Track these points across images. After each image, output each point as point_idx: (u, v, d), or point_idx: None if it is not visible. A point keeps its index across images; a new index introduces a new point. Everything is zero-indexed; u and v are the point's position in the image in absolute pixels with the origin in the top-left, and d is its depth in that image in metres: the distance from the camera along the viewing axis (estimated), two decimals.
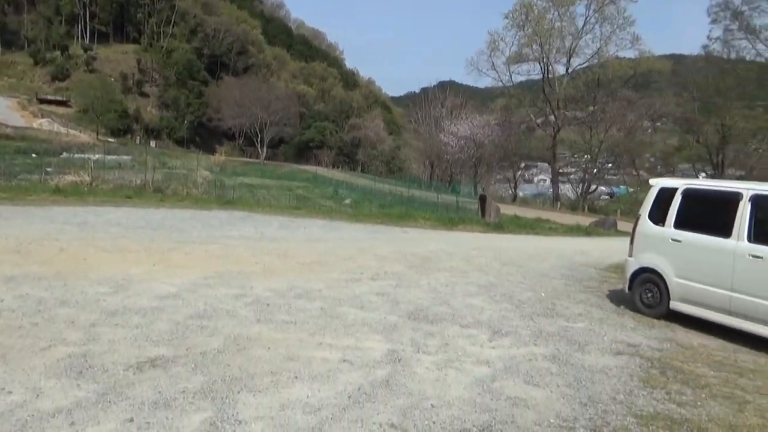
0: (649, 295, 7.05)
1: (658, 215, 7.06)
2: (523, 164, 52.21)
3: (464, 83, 62.96)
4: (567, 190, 48.97)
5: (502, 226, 19.16)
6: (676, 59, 45.17)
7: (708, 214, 6.70)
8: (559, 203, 40.74)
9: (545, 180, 68.50)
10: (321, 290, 7.56)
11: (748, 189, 6.16)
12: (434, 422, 3.75)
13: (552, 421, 3.88)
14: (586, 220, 25.03)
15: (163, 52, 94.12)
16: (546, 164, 65.14)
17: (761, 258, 5.80)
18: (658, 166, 50.72)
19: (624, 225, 24.30)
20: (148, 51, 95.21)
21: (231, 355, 4.80)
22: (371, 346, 5.32)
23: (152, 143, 75.06)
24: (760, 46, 33.25)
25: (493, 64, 47.59)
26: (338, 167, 77.60)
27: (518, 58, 45.19)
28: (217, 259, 9.15)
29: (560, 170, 46.43)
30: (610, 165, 43.89)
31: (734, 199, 6.20)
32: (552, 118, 43.64)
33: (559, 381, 4.67)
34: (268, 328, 5.64)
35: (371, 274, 8.99)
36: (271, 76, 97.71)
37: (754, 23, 32.98)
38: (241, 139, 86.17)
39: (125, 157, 43.95)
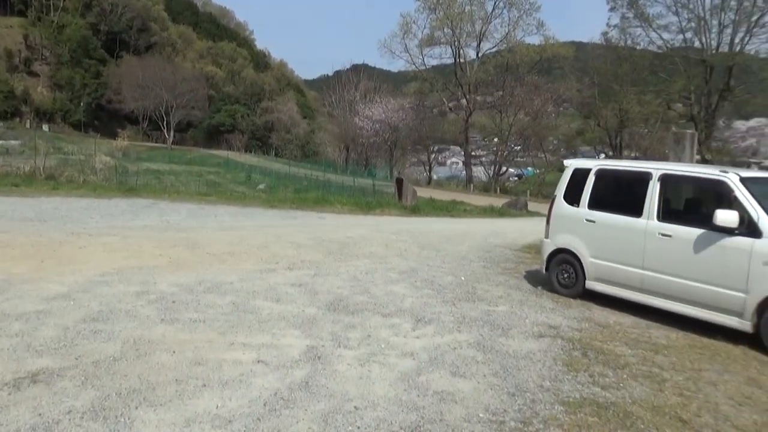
0: (566, 275, 7.13)
1: (572, 196, 7.13)
2: (436, 147, 52.92)
3: (378, 66, 62.97)
4: (479, 172, 50.28)
5: (418, 208, 19.20)
6: (579, 46, 47.29)
7: (620, 194, 6.83)
8: (472, 185, 41.71)
9: (457, 163, 70.06)
10: (233, 283, 7.07)
11: (657, 169, 6.30)
12: (358, 427, 3.46)
13: (481, 415, 3.71)
14: (498, 202, 25.69)
15: (54, 27, 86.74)
16: (458, 147, 66.60)
17: (670, 236, 5.95)
18: (561, 149, 53.18)
19: (534, 205, 25.22)
20: (36, 26, 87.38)
21: (129, 362, 4.28)
22: (289, 342, 4.95)
23: (45, 127, 69.40)
24: (653, 35, 35.43)
25: (406, 46, 47.75)
26: (251, 152, 75.51)
27: (430, 41, 45.57)
28: (116, 253, 8.37)
29: (473, 153, 47.49)
30: (519, 148, 45.39)
31: (644, 178, 6.34)
32: (464, 101, 44.45)
33: (485, 370, 4.53)
34: (173, 329, 5.12)
35: (287, 263, 8.56)
36: (176, 55, 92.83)
37: (648, 12, 35.04)
38: (146, 123, 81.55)
39: (13, 142, 40.28)
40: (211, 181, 30.56)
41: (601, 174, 6.87)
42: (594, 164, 7.06)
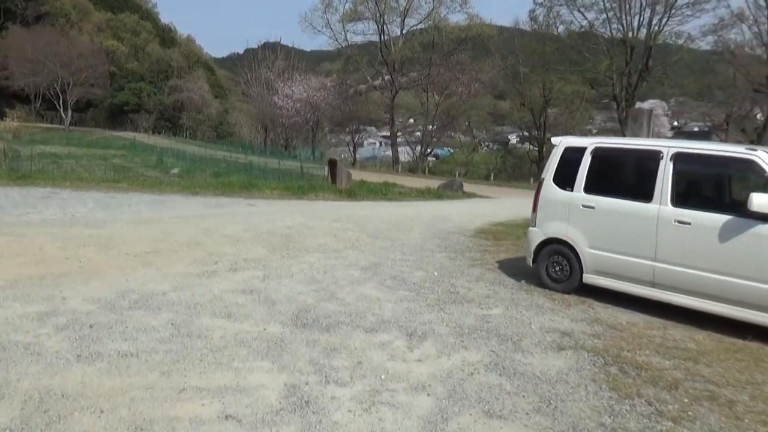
0: (558, 268, 6.31)
1: (564, 179, 6.29)
2: (362, 128, 51.61)
3: (291, 45, 60.45)
4: (402, 152, 49.67)
5: (354, 192, 18.06)
6: (507, 31, 47.26)
7: (624, 176, 6.08)
8: (400, 166, 40.96)
9: (375, 143, 69.27)
10: (167, 293, 5.68)
11: (668, 147, 5.55)
12: None
13: None
14: (432, 183, 25.01)
15: None
16: (374, 128, 65.64)
17: (688, 224, 5.23)
18: (484, 130, 53.68)
19: (468, 186, 24.74)
20: None
21: None
22: (260, 381, 3.73)
23: None
24: (577, 14, 35.89)
25: (328, 21, 45.88)
26: (160, 133, 70.82)
27: (353, 16, 43.92)
28: (8, 259, 6.67)
29: (398, 133, 46.65)
30: (445, 126, 44.95)
31: (654, 158, 5.57)
32: (389, 80, 43.34)
33: (523, 405, 3.55)
34: (95, 371, 3.75)
35: (228, 263, 7.21)
36: (71, 28, 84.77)
37: None
38: (39, 102, 74.22)
39: None
40: (118, 166, 27.82)
41: (600, 153, 6.05)
42: (590, 142, 6.23)
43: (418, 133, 51.59)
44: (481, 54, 44.03)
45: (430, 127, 42.32)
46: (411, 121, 49.72)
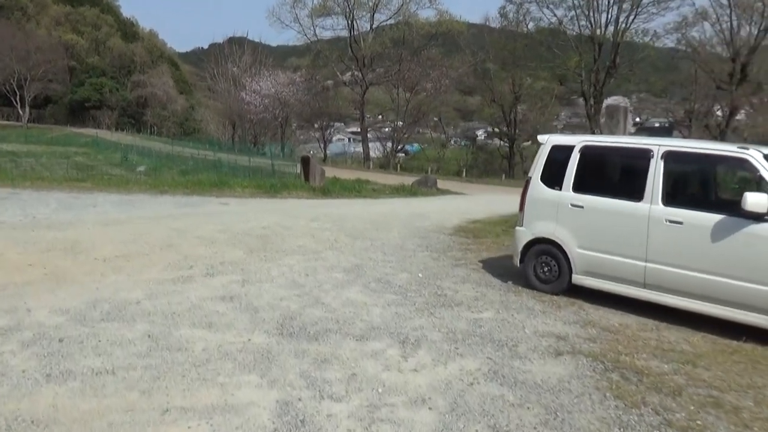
0: (546, 269, 6.20)
1: (552, 178, 6.17)
2: (332, 124, 51.07)
3: (256, 40, 59.35)
4: (371, 148, 49.39)
5: (328, 190, 17.77)
6: (477, 28, 47.23)
7: (613, 175, 5.99)
8: (371, 163, 40.68)
9: (343, 139, 68.85)
10: (141, 302, 5.36)
11: (659, 145, 5.47)
12: None
13: None
14: (403, 179, 24.84)
15: None
16: (342, 124, 65.14)
17: (680, 223, 5.16)
18: (453, 127, 53.83)
19: (442, 183, 24.61)
20: None
21: None
22: (249, 398, 3.49)
23: None
24: (546, 11, 36.14)
25: (296, 16, 45.23)
26: (123, 130, 69.02)
27: (323, 11, 43.39)
28: None
29: (369, 129, 46.32)
30: (416, 122, 44.77)
31: (644, 156, 5.49)
32: (359, 75, 42.96)
33: (529, 417, 3.39)
34: (67, 392, 3.45)
35: (204, 266, 6.90)
36: (28, 21, 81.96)
37: None
38: None
39: None
40: (81, 164, 26.88)
41: (588, 151, 5.94)
42: (578, 140, 6.12)
43: (387, 129, 51.39)
44: (451, 50, 44.03)
45: (401, 123, 42.09)
46: (380, 117, 49.39)
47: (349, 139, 68.85)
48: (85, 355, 4.05)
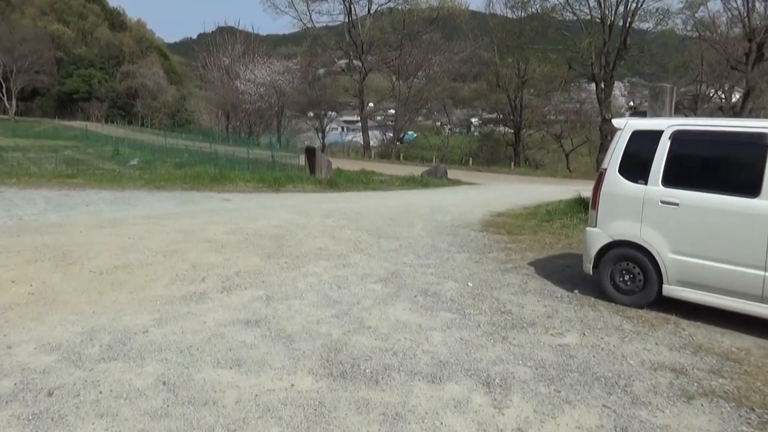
0: (627, 277, 5.24)
1: (634, 169, 5.20)
2: (332, 113, 49.76)
3: (247, 29, 57.76)
4: (370, 137, 48.21)
5: (335, 182, 16.75)
6: (480, 15, 45.95)
7: (717, 166, 5.00)
8: (372, 152, 39.55)
9: (336, 128, 67.58)
10: (148, 330, 4.38)
11: None
12: None
13: None
14: (409, 169, 23.84)
15: None
16: (333, 113, 63.93)
17: None
18: (446, 113, 52.38)
19: (452, 172, 23.60)
20: None
21: None
22: None
23: None
24: None
25: (291, 1, 43.76)
26: (114, 122, 67.55)
27: None
28: None
29: (371, 117, 45.05)
30: (418, 109, 43.53)
31: (758, 142, 4.53)
32: (358, 62, 41.64)
33: None
34: None
35: (218, 278, 5.91)
36: (12, 12, 79.87)
37: None
38: None
39: None
40: (70, 158, 25.76)
41: (682, 137, 4.96)
42: (666, 124, 5.13)
43: (380, 117, 50.06)
44: (453, 34, 42.71)
45: (402, 110, 40.81)
46: (371, 105, 47.94)
47: (343, 128, 67.60)
48: (83, 417, 3.07)
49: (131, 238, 7.70)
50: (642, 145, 5.15)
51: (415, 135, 56.55)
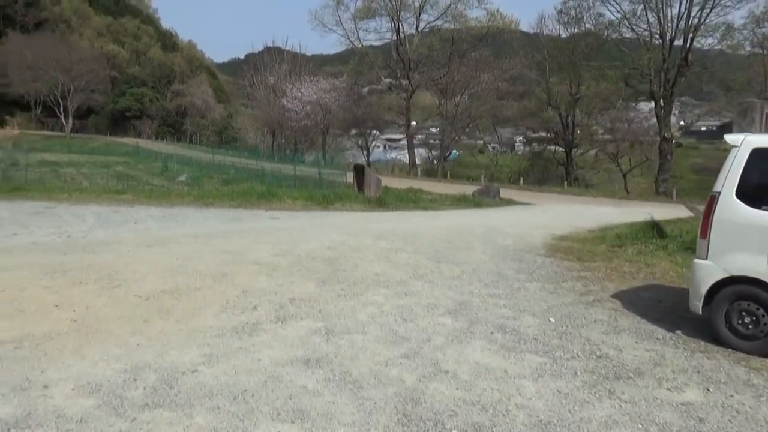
0: (749, 320, 4.47)
1: (756, 193, 4.46)
2: (376, 132, 49.60)
3: (293, 49, 58.46)
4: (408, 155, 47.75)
5: (384, 201, 16.24)
6: (530, 36, 45.12)
7: None
8: (419, 170, 38.99)
9: (379, 146, 67.46)
10: (198, 369, 3.87)
11: None
12: None
13: None
14: (457, 188, 23.17)
15: None
16: (377, 131, 63.92)
17: None
18: (488, 133, 51.35)
19: (504, 192, 22.80)
20: None
21: None
22: None
23: None
24: (611, 7, 33.40)
25: (339, 18, 43.97)
26: (163, 139, 69.32)
27: (366, 13, 41.93)
28: None
29: (415, 135, 44.61)
30: (465, 127, 42.85)
31: None
32: (405, 80, 41.35)
33: None
34: None
35: (271, 307, 5.40)
36: (72, 33, 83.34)
37: None
38: (39, 109, 72.61)
39: None
40: (121, 174, 26.14)
41: None
42: None
43: (422, 136, 49.51)
44: (502, 52, 41.98)
45: (451, 128, 40.13)
46: (414, 123, 47.37)
47: (384, 146, 67.47)
48: None
49: (179, 259, 7.31)
50: (764, 165, 4.40)
51: (458, 153, 55.86)
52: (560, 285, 6.91)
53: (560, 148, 39.67)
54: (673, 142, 30.53)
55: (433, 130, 51.08)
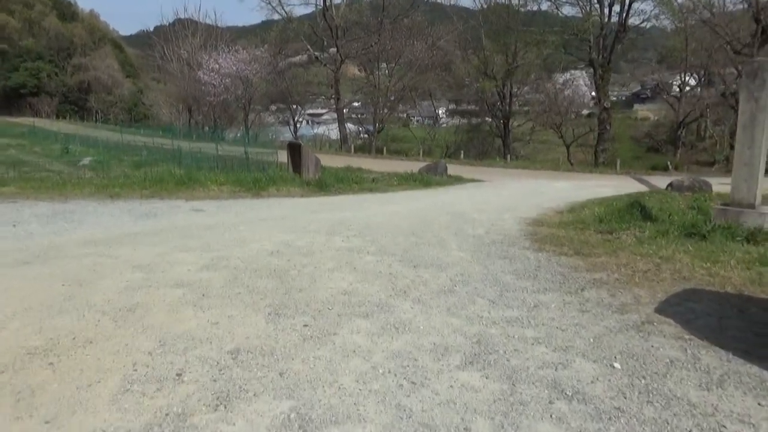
0: None
1: None
2: (297, 105, 46.85)
3: (206, 21, 54.34)
4: (334, 130, 45.75)
5: (325, 184, 14.30)
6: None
7: None
8: (351, 147, 36.94)
9: (302, 122, 65.03)
10: None
11: None
12: None
13: None
14: (398, 165, 21.55)
15: None
16: (296, 106, 61.44)
17: None
18: (415, 105, 50.15)
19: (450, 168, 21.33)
20: None
21: None
22: None
23: None
24: None
25: None
26: (65, 118, 63.33)
27: None
28: None
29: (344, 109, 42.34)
30: (399, 100, 41.00)
31: None
32: (333, 50, 38.76)
33: None
34: None
35: (206, 374, 3.52)
36: None
37: None
38: None
39: None
40: (13, 158, 22.65)
41: None
42: None
43: (346, 110, 47.42)
44: (436, 18, 40.21)
45: (384, 101, 38.20)
46: (360, 95, 45.25)
47: (308, 122, 65.15)
48: None
49: (66, 284, 5.22)
50: None
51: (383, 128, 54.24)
52: (581, 295, 5.39)
53: (495, 120, 38.81)
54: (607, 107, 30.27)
55: (356, 104, 49.35)
